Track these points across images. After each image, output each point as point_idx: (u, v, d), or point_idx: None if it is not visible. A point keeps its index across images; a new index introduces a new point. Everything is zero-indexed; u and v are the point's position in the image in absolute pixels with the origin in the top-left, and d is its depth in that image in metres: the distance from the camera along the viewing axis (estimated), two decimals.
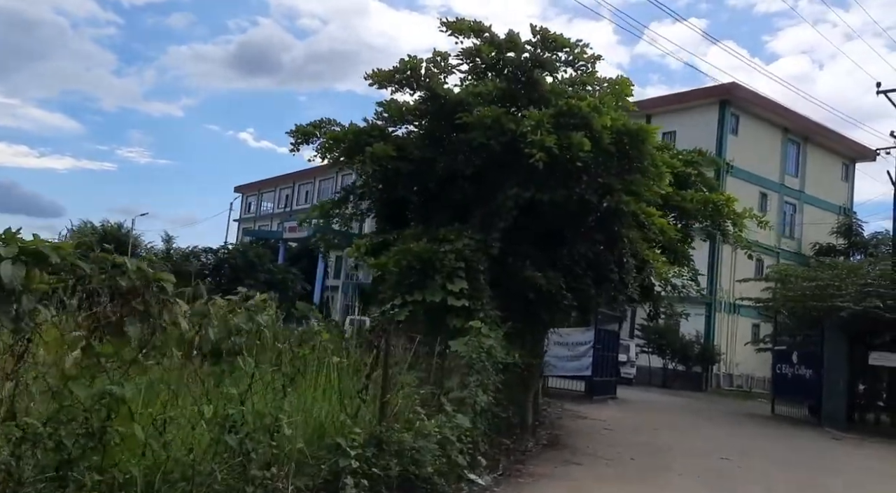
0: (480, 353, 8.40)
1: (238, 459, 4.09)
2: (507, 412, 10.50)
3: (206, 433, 4.01)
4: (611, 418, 16.28)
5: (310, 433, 5.14)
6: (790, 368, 20.95)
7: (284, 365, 4.82)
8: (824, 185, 44.20)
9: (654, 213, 9.61)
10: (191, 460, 3.81)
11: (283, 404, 4.54)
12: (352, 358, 6.08)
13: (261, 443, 4.31)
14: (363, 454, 5.25)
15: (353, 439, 5.20)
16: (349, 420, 5.40)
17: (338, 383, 5.63)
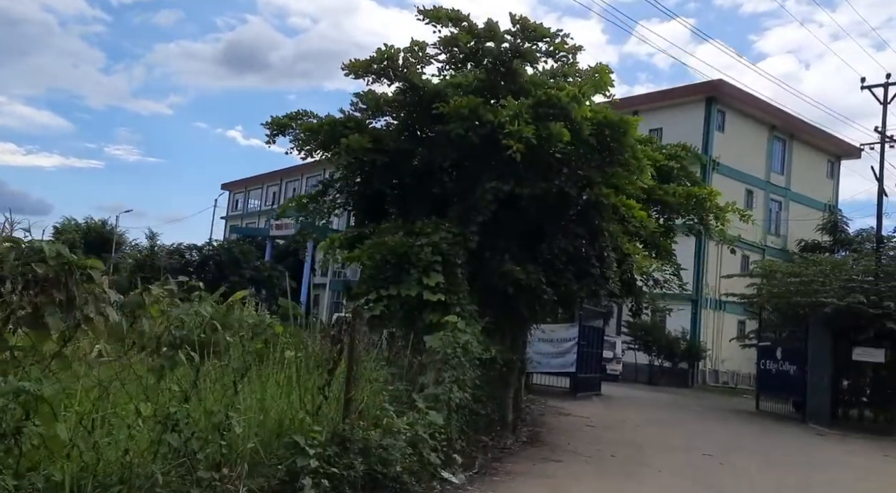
0: (456, 348, 8.19)
1: (183, 460, 3.85)
2: (487, 409, 10.31)
3: (146, 433, 3.77)
4: (594, 414, 16.12)
5: (267, 432, 4.91)
6: (774, 364, 20.88)
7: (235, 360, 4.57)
8: (810, 182, 44.34)
9: (635, 205, 9.43)
10: (127, 461, 3.57)
11: (234, 401, 4.29)
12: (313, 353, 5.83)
13: (210, 443, 4.07)
14: (324, 453, 5.02)
15: (314, 437, 4.97)
16: (309, 418, 5.16)
17: (296, 379, 5.39)
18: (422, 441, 6.87)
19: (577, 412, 16.18)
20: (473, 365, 8.63)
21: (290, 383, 5.37)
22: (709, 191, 12.01)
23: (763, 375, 21.82)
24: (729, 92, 38.81)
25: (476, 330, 8.81)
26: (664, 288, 14.76)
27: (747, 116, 40.63)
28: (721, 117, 39.82)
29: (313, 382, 5.48)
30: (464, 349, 8.28)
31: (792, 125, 42.33)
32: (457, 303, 9.00)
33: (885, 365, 19.02)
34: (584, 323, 20.59)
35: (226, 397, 4.32)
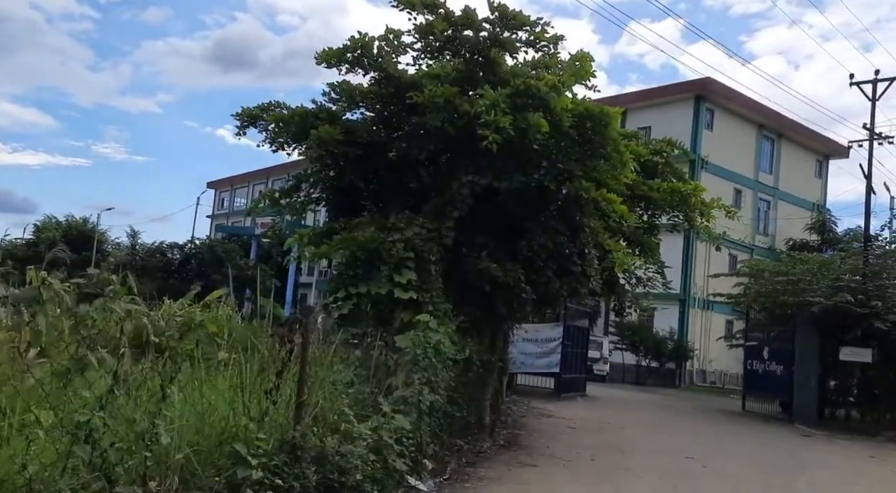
0: (427, 349, 7.80)
1: (97, 474, 3.45)
2: (462, 411, 9.93)
3: (51, 445, 3.36)
4: (577, 416, 15.79)
5: (206, 441, 4.50)
6: (761, 364, 20.62)
7: (161, 363, 4.17)
8: (798, 181, 44.23)
9: (616, 199, 9.07)
10: (25, 478, 3.16)
11: (161, 407, 3.88)
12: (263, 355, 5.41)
13: (133, 454, 3.67)
14: (270, 463, 4.61)
15: (258, 446, 4.57)
16: (253, 425, 4.75)
17: (239, 383, 4.98)
18: (387, 447, 6.47)
19: (560, 414, 15.83)
20: (447, 366, 8.25)
21: (235, 387, 4.95)
22: (694, 186, 11.67)
23: (750, 375, 21.57)
24: (717, 90, 38.65)
25: (449, 329, 8.43)
26: (647, 286, 14.40)
27: (736, 115, 40.46)
28: (710, 116, 39.63)
29: (259, 385, 5.07)
30: (435, 350, 7.89)
31: (781, 124, 42.20)
32: (429, 301, 8.60)
33: (872, 365, 18.78)
34: (568, 323, 20.25)
35: (151, 403, 3.91)
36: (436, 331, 8.12)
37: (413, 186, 10.50)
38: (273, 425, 4.97)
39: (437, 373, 8.02)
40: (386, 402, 6.76)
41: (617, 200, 9.10)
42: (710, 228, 12.38)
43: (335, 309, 8.56)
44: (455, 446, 9.47)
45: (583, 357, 21.77)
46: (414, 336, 7.89)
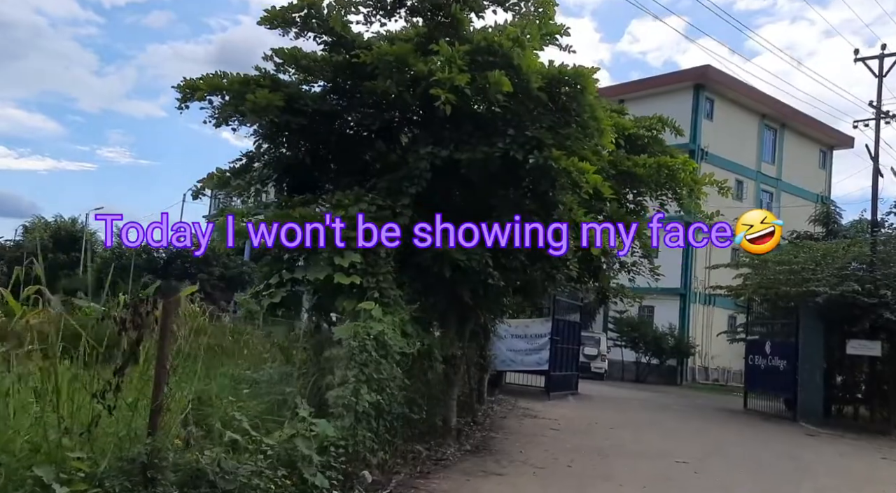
0: (365, 341, 6.69)
1: None
2: (422, 413, 8.83)
3: None
4: (564, 416, 14.67)
5: (14, 461, 3.40)
6: (763, 359, 19.45)
7: None
8: (802, 172, 42.85)
9: (588, 168, 7.94)
10: None
11: None
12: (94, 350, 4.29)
13: None
14: (93, 490, 3.51)
15: (76, 468, 3.47)
16: (67, 439, 3.64)
17: (51, 385, 3.84)
18: (303, 459, 5.38)
19: (546, 414, 14.72)
20: (393, 361, 7.14)
21: (43, 391, 3.81)
22: (683, 160, 10.52)
23: (751, 371, 20.41)
24: (717, 78, 37.40)
25: (397, 319, 7.32)
26: (632, 272, 13.15)
27: (737, 104, 39.21)
28: (710, 105, 38.41)
29: (89, 386, 3.95)
30: (377, 342, 6.79)
31: (783, 114, 40.97)
32: (375, 287, 7.48)
33: (881, 359, 17.62)
34: (557, 317, 19.09)
35: None
36: (380, 320, 7.02)
37: (364, 161, 9.39)
38: (108, 438, 3.85)
39: (382, 369, 6.91)
40: (305, 404, 5.65)
41: (590, 168, 7.96)
42: (700, 205, 11.21)
43: (266, 297, 7.45)
44: (412, 452, 8.37)
45: (574, 354, 20.61)
46: (353, 327, 6.79)
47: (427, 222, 8.86)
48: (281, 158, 9.75)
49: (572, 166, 7.94)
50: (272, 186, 10.29)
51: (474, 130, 8.91)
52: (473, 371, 14.13)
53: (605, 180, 8.78)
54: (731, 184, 38.58)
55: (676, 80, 38.82)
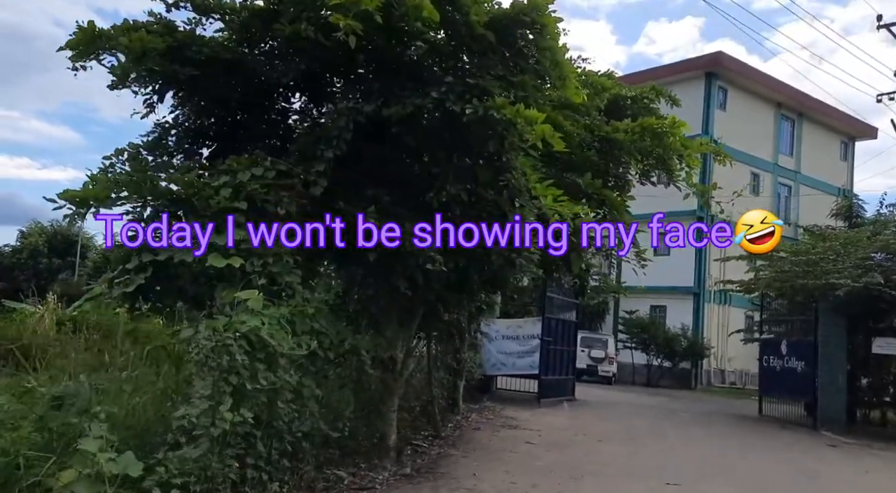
0: (227, 341, 5.11)
1: None
2: (343, 431, 7.23)
3: None
4: (550, 426, 13.00)
5: None
6: (779, 360, 17.60)
7: None
8: (822, 164, 40.60)
9: (536, 116, 6.30)
10: None
11: None
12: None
13: None
14: None
15: None
16: None
17: None
18: None
19: (530, 424, 13.05)
20: (276, 365, 5.56)
21: None
22: (671, 121, 8.84)
23: (766, 373, 18.55)
24: (730, 66, 35.53)
25: (285, 312, 5.73)
26: (608, 254, 11.27)
27: (751, 93, 37.14)
28: (723, 95, 36.42)
29: None
30: (248, 342, 5.21)
31: (801, 103, 38.89)
32: (262, 271, 5.91)
33: None
34: (549, 315, 17.39)
35: None
36: (259, 314, 5.44)
37: (288, 124, 7.85)
38: None
39: (261, 377, 5.34)
40: (97, 430, 4.08)
41: (538, 116, 6.33)
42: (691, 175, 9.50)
43: (119, 285, 5.90)
44: (329, 479, 6.78)
45: (570, 356, 18.89)
46: (211, 323, 5.22)
47: (353, 194, 7.32)
48: (190, 123, 8.21)
49: (518, 116, 6.31)
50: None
51: (408, 81, 7.33)
52: (442, 376, 12.52)
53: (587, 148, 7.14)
54: (746, 177, 36.95)
55: (687, 68, 36.89)
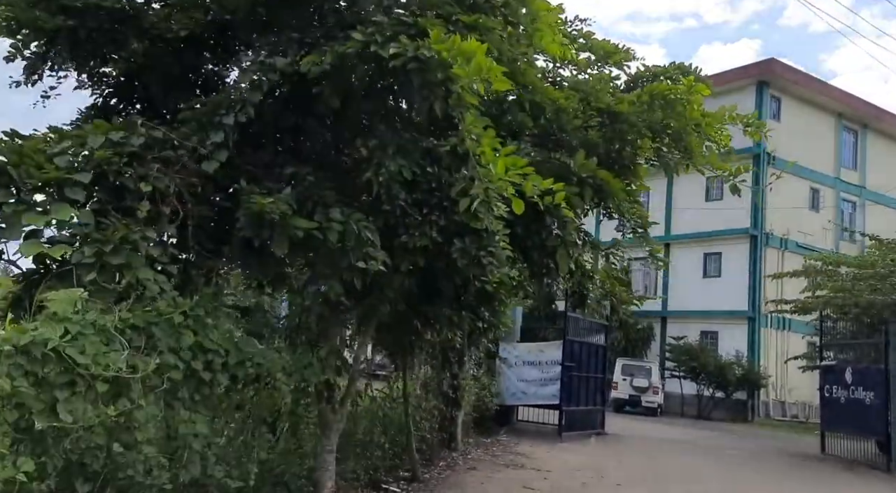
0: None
1: None
2: (246, 479, 5.56)
3: None
4: (563, 466, 11.08)
5: None
6: (843, 390, 15.20)
7: None
8: (890, 179, 37.25)
9: (473, 47, 4.56)
10: None
11: None
12: None
13: None
14: None
15: None
16: None
17: None
18: None
19: (541, 463, 11.17)
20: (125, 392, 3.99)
21: None
22: (687, 86, 7.01)
23: (829, 405, 16.10)
24: (784, 74, 32.99)
25: (115, 319, 4.16)
26: (595, 247, 9.04)
27: (808, 103, 34.41)
28: (776, 105, 33.83)
29: None
30: (29, 358, 3.65)
31: (864, 113, 35.96)
32: (93, 263, 4.36)
33: None
34: (572, 338, 15.49)
35: None
36: (68, 320, 3.89)
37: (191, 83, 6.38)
38: None
39: (63, 410, 3.76)
40: None
41: (475, 48, 4.62)
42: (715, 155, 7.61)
43: None
44: None
45: (598, 384, 16.83)
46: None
47: (265, 172, 5.76)
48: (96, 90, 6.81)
49: (456, 53, 4.66)
50: None
51: (336, 28, 5.78)
52: (432, 406, 10.80)
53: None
54: (805, 192, 34.06)
55: (737, 77, 34.33)
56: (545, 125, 7.72)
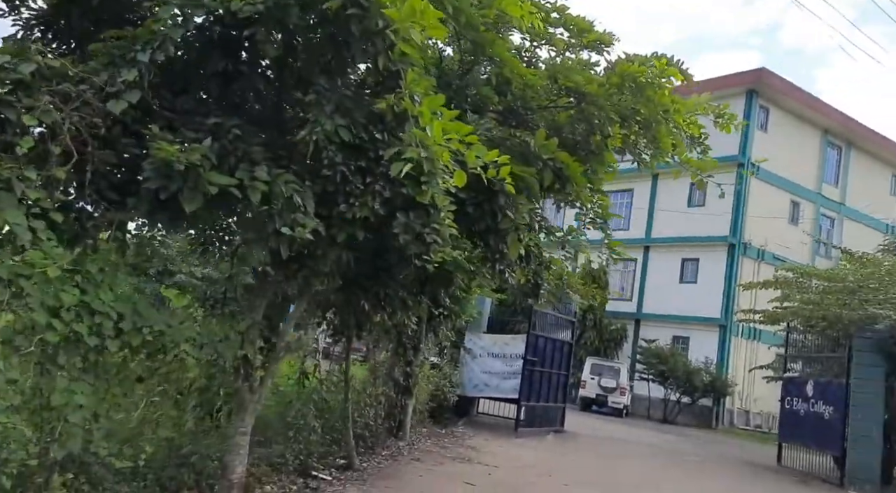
0: None
1: None
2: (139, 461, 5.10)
3: None
4: (512, 463, 10.74)
5: None
6: (804, 403, 15.01)
7: None
8: (869, 198, 37.24)
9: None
10: None
11: None
12: None
13: None
14: None
15: None
16: None
17: None
18: None
19: (490, 458, 10.80)
20: None
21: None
22: (659, 68, 6.58)
23: (788, 417, 15.91)
24: (774, 84, 32.73)
25: None
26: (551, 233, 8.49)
27: (795, 116, 34.26)
28: (764, 114, 33.63)
29: None
30: None
31: (850, 130, 35.87)
32: None
33: None
34: (538, 333, 15.14)
35: None
36: None
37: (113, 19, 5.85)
38: None
39: None
40: None
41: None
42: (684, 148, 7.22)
43: None
44: None
45: (562, 381, 16.51)
46: None
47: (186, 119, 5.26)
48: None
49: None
50: None
51: None
52: (379, 392, 10.39)
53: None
54: (786, 204, 33.88)
55: (728, 83, 33.95)
56: (511, 102, 7.30)
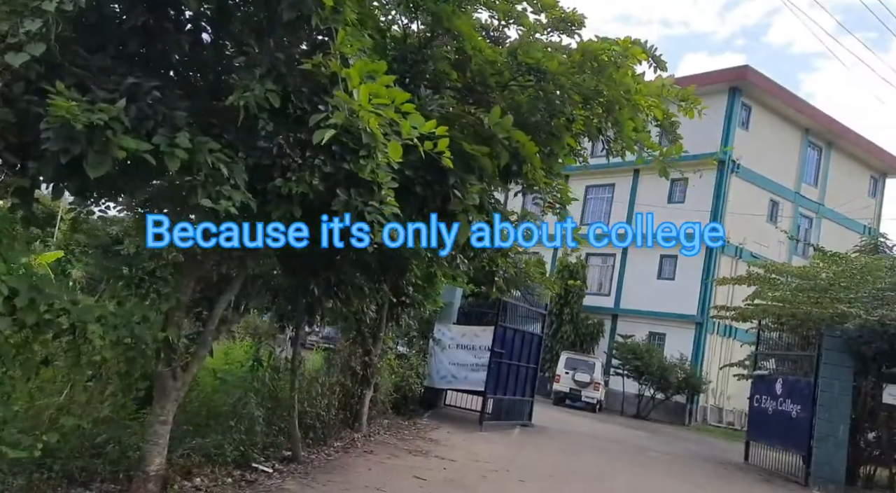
0: None
1: None
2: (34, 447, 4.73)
3: None
4: (471, 456, 10.45)
5: None
6: (772, 401, 14.87)
7: None
8: (848, 198, 37.37)
9: None
10: None
11: None
12: None
13: None
14: None
15: None
16: None
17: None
18: None
19: (449, 452, 10.51)
20: None
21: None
22: (623, 47, 6.27)
23: (757, 415, 15.79)
24: (757, 82, 32.60)
25: None
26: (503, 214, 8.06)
27: (777, 114, 34.21)
28: (746, 113, 33.51)
29: None
30: None
31: (831, 130, 35.91)
32: None
33: None
34: (506, 324, 14.86)
35: None
36: None
37: None
38: None
39: None
40: None
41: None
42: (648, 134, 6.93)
43: None
44: None
45: (530, 374, 16.24)
46: None
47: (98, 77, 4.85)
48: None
49: None
50: None
51: None
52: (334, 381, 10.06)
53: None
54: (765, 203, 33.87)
55: (711, 80, 33.74)
56: (469, 79, 6.97)
